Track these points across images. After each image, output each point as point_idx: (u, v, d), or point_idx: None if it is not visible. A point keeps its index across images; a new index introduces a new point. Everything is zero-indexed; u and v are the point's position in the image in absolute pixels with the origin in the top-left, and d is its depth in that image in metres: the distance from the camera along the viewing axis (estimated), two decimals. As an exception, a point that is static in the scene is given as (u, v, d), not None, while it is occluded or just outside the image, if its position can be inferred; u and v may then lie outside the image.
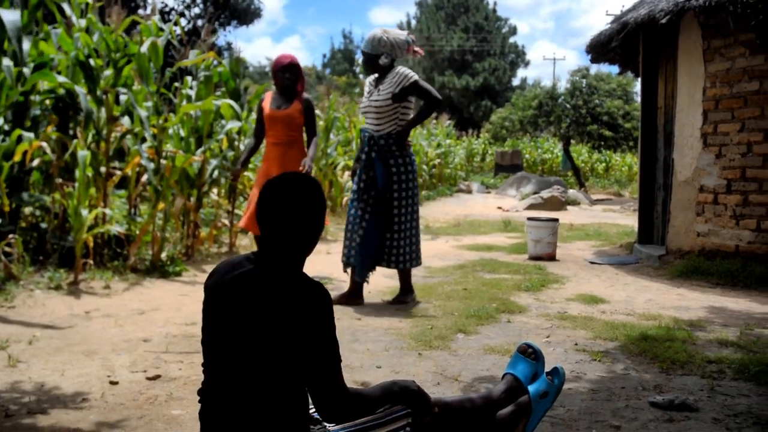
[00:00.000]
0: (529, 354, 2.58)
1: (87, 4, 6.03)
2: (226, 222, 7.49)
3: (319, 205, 1.92)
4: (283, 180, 1.92)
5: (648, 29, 7.05)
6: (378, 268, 5.20)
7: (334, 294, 4.82)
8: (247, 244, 7.74)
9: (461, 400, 2.39)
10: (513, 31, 43.27)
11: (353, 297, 5.02)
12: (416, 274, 6.36)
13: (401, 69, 4.96)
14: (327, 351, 1.85)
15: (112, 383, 3.19)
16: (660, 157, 7.49)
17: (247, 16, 24.83)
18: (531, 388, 2.55)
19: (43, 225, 5.82)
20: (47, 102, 5.84)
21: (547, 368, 2.65)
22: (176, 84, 7.28)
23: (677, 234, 6.74)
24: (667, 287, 5.82)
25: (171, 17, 21.91)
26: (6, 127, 5.41)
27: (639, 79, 8.14)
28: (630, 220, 11.15)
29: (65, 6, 5.80)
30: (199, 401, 1.94)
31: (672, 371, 3.43)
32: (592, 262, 7.22)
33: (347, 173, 10.39)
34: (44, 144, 5.48)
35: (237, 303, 1.84)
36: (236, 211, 7.63)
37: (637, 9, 7.21)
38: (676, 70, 6.87)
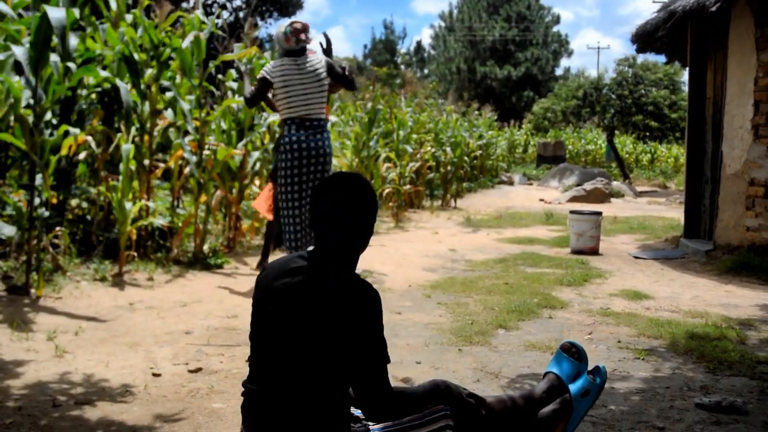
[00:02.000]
0: (573, 353, 2.54)
1: (135, 0, 6.12)
2: (267, 214, 7.54)
3: (372, 205, 1.93)
4: (338, 180, 1.92)
5: (697, 17, 6.85)
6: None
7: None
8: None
9: (503, 399, 2.36)
10: (556, 19, 42.60)
11: None
12: (457, 268, 6.33)
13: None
14: (376, 350, 1.86)
15: (155, 375, 3.23)
16: (708, 149, 7.29)
17: (289, 7, 24.97)
18: (572, 386, 2.51)
19: (89, 217, 5.93)
20: (93, 96, 5.94)
21: (590, 367, 2.60)
22: (219, 76, 7.35)
23: (726, 228, 6.56)
24: (715, 283, 5.67)
25: (213, 10, 22.14)
26: (54, 122, 5.52)
27: (687, 68, 7.93)
28: (676, 213, 10.91)
29: (112, 2, 5.89)
30: (242, 394, 1.95)
31: (720, 371, 3.34)
32: (636, 257, 7.08)
33: (387, 165, 10.38)
34: (90, 138, 5.57)
35: (289, 300, 1.85)
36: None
37: (686, -4, 7.02)
38: (726, 59, 6.66)
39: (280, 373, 1.85)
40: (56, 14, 4.38)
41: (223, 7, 23.58)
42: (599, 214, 7.40)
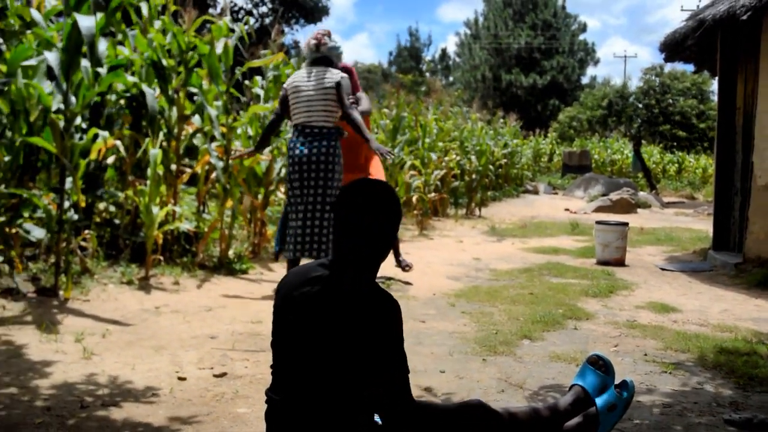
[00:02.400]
0: (600, 366, 2.52)
1: (164, 6, 6.19)
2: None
3: (395, 212, 1.92)
4: (362, 187, 1.92)
5: (727, 26, 6.78)
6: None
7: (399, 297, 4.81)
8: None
9: (528, 411, 2.34)
10: (582, 28, 42.40)
11: None
12: (481, 277, 6.30)
13: None
14: (395, 361, 1.85)
15: (180, 379, 3.25)
16: (738, 160, 7.19)
17: (315, 13, 25.11)
18: (599, 400, 2.48)
19: (117, 221, 6.00)
20: (122, 101, 6.01)
21: (617, 380, 2.57)
22: (246, 82, 7.41)
23: (756, 241, 6.45)
24: (744, 297, 5.58)
25: (239, 15, 22.35)
26: (83, 126, 5.60)
27: (716, 78, 7.84)
28: (704, 225, 10.77)
29: (143, 8, 5.97)
30: (266, 401, 1.95)
31: (750, 388, 3.28)
32: (663, 269, 7.00)
33: (412, 172, 10.38)
34: (118, 142, 5.64)
35: (309, 309, 1.85)
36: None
37: (716, 5, 6.94)
38: (758, 68, 6.57)
39: (301, 383, 1.85)
40: (85, 22, 4.45)
41: (249, 13, 23.78)
42: (625, 224, 7.33)
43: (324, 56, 5.12)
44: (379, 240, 1.88)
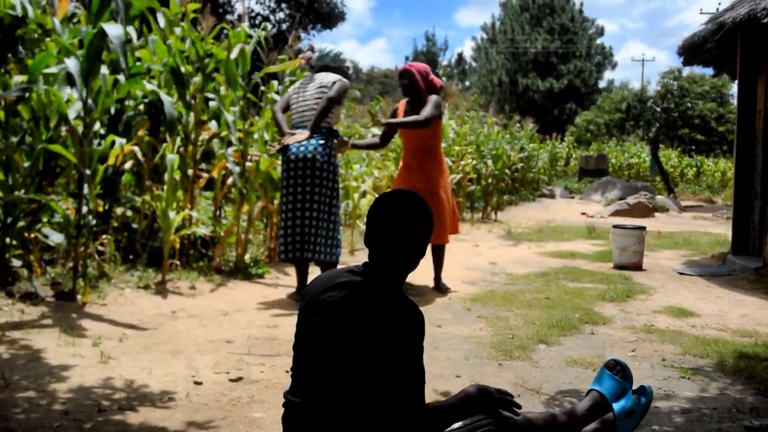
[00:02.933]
0: (617, 371, 2.50)
1: (183, 13, 6.24)
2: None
3: (428, 223, 1.94)
4: (396, 197, 1.95)
5: (747, 29, 6.71)
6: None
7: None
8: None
9: (545, 417, 2.33)
10: (600, 31, 42.16)
11: None
12: (497, 281, 6.28)
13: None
14: (414, 371, 1.87)
15: (197, 383, 3.27)
16: (758, 164, 7.11)
17: (331, 19, 25.18)
18: (616, 405, 2.46)
19: (134, 225, 6.04)
20: (140, 107, 6.06)
21: (635, 386, 2.55)
22: (262, 88, 7.43)
23: (775, 245, 6.38)
24: (764, 302, 5.51)
25: (256, 21, 22.46)
26: (102, 131, 5.64)
27: (735, 81, 7.76)
28: (723, 229, 10.66)
29: (160, 17, 6.02)
30: (284, 405, 1.95)
31: (770, 393, 3.24)
32: (681, 273, 6.93)
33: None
34: (136, 147, 5.69)
35: (332, 312, 1.86)
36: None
37: (736, 8, 6.88)
38: (777, 72, 6.51)
39: (321, 386, 1.85)
40: (114, 32, 4.51)
41: (267, 19, 23.90)
42: (643, 228, 7.27)
43: (322, 67, 5.30)
44: (406, 248, 1.91)
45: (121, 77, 5.10)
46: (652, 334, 4.36)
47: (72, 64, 4.64)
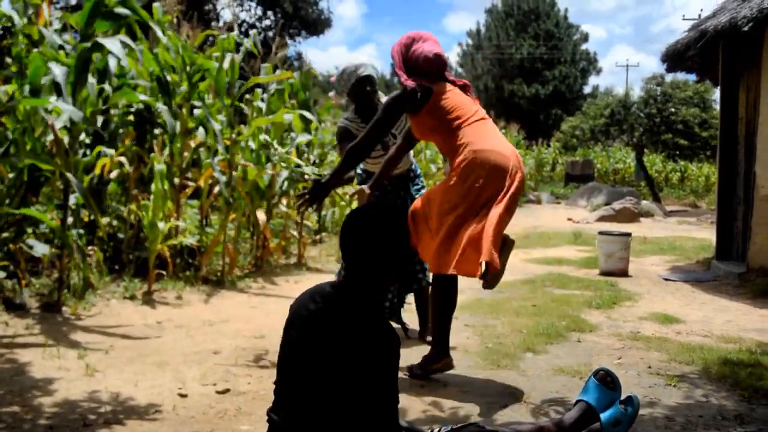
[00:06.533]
0: (607, 382, 2.51)
1: (178, 21, 6.24)
2: (295, 233, 7.58)
3: (393, 236, 1.94)
4: (361, 214, 1.98)
5: (729, 37, 6.78)
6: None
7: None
8: (315, 256, 7.81)
9: (533, 430, 2.34)
10: (585, 37, 42.46)
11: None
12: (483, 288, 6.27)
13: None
14: (385, 391, 1.85)
15: (183, 396, 3.25)
16: (741, 170, 7.19)
17: (317, 26, 25.21)
18: (603, 415, 2.48)
19: (120, 235, 6.01)
20: (126, 117, 6.04)
21: (623, 395, 2.57)
22: (247, 96, 7.43)
23: (759, 251, 6.44)
24: (749, 308, 5.56)
25: (242, 28, 22.44)
26: (87, 141, 5.62)
27: (718, 87, 7.84)
28: (707, 234, 10.74)
29: (155, 26, 6.01)
30: (267, 421, 1.95)
31: (755, 400, 3.26)
32: (666, 279, 6.98)
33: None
34: (122, 158, 5.67)
35: (309, 327, 1.87)
36: (305, 222, 7.70)
37: (717, 16, 6.96)
38: (760, 78, 6.58)
39: (300, 404, 1.85)
40: (114, 46, 4.52)
41: (253, 26, 23.90)
42: (628, 235, 7.32)
43: (349, 95, 4.26)
44: (378, 263, 1.92)
45: (108, 87, 5.09)
46: (638, 341, 4.39)
47: (59, 72, 4.62)
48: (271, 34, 22.47)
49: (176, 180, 6.07)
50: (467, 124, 3.42)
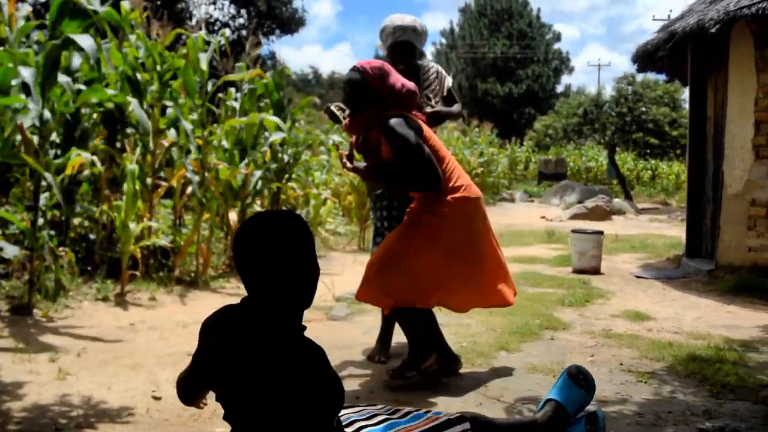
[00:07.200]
0: (580, 381, 2.52)
1: (148, 19, 6.18)
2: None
3: (298, 246, 1.69)
4: (258, 221, 1.73)
5: (697, 38, 6.89)
6: None
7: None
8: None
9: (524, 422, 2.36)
10: (557, 37, 42.87)
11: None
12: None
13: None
14: (319, 410, 1.66)
15: (157, 398, 3.23)
16: (709, 169, 7.31)
17: (291, 24, 25.09)
18: None
19: (92, 236, 5.94)
20: (95, 116, 5.97)
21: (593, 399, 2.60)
22: (220, 95, 7.39)
23: (727, 249, 6.56)
24: (717, 304, 5.66)
25: (215, 27, 22.27)
26: (57, 140, 5.54)
27: (687, 87, 7.97)
28: (677, 231, 10.91)
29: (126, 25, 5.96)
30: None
31: (722, 395, 3.33)
32: (638, 276, 7.08)
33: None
34: (94, 157, 5.60)
35: (224, 347, 1.75)
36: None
37: (685, 18, 7.06)
38: (727, 79, 6.70)
39: (237, 420, 1.78)
40: (87, 42, 4.46)
41: (226, 25, 23.73)
42: (601, 233, 7.41)
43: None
44: (284, 279, 1.68)
45: (78, 85, 5.03)
46: (610, 339, 4.45)
47: (27, 73, 4.56)
48: (244, 32, 22.31)
49: (149, 180, 6.01)
50: (451, 163, 3.61)
